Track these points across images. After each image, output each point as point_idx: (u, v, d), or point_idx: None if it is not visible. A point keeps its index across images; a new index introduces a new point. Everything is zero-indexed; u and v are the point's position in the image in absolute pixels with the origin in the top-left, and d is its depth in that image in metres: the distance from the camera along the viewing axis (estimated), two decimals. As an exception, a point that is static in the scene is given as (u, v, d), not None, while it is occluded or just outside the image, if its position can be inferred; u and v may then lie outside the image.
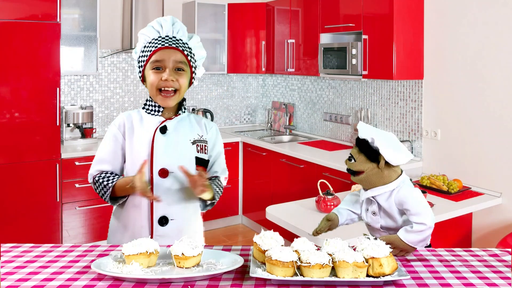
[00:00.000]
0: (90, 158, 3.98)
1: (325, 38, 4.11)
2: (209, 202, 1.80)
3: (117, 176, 1.74)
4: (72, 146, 4.13)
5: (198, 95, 5.15)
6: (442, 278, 1.23)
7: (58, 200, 3.80)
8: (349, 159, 1.47)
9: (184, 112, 1.83)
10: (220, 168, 1.86)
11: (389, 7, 3.41)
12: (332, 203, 2.53)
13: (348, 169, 1.48)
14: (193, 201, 1.77)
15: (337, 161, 3.59)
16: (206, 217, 5.36)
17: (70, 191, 3.87)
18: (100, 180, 1.73)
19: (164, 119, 1.77)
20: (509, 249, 1.43)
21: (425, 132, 3.56)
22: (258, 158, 4.48)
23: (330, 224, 1.53)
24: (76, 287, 1.17)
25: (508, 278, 1.23)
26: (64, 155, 3.84)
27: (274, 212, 2.60)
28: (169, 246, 1.38)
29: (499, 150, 3.08)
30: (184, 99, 1.82)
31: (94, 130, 4.32)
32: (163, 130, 1.74)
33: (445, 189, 3.00)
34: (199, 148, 1.78)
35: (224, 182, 1.87)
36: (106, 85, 4.62)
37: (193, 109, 5.05)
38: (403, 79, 3.60)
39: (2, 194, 3.58)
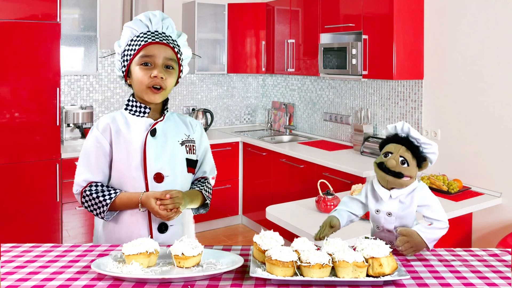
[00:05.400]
0: (90, 158, 4.02)
1: (325, 38, 4.11)
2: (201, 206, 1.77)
3: (113, 190, 1.63)
4: (72, 146, 4.13)
5: (198, 95, 5.15)
6: (442, 278, 1.23)
7: (58, 200, 3.80)
8: (402, 162, 1.38)
9: (168, 111, 1.75)
10: (208, 167, 1.81)
11: (389, 7, 3.41)
12: (332, 203, 2.53)
13: (394, 171, 1.38)
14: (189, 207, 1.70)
15: (337, 161, 3.59)
16: (206, 217, 5.34)
17: (70, 191, 3.86)
18: (94, 195, 1.61)
19: (152, 120, 1.68)
20: (509, 249, 1.43)
21: (425, 132, 3.56)
22: (258, 158, 4.48)
23: (333, 230, 1.50)
24: (76, 287, 1.17)
25: (508, 278, 1.23)
26: (64, 155, 3.84)
27: (274, 212, 2.60)
28: (169, 246, 1.38)
29: (499, 150, 3.08)
30: (167, 99, 1.74)
31: (94, 130, 4.31)
32: (153, 132, 1.66)
33: (445, 189, 3.00)
34: (187, 149, 1.71)
35: (212, 182, 1.82)
36: (106, 85, 4.62)
37: (193, 109, 5.05)
38: (403, 79, 3.61)
39: (2, 194, 3.58)
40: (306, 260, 1.19)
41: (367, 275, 1.21)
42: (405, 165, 1.39)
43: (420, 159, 1.41)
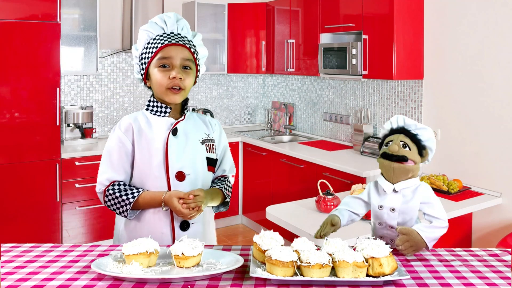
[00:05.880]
0: (90, 158, 4.03)
1: (325, 38, 4.10)
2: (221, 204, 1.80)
3: (136, 189, 1.65)
4: (72, 146, 4.13)
5: (198, 95, 5.15)
6: (442, 278, 1.23)
7: (58, 200, 3.80)
8: (404, 146, 1.42)
9: (188, 111, 1.79)
10: (228, 166, 1.84)
11: (389, 7, 3.41)
12: (332, 203, 2.53)
13: (397, 156, 1.41)
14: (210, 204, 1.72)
15: (337, 161, 3.59)
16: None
17: (70, 191, 3.88)
18: (117, 194, 1.64)
19: (174, 120, 1.71)
20: (509, 249, 1.43)
21: (425, 132, 3.56)
22: (258, 158, 4.48)
23: (334, 228, 1.50)
24: (76, 287, 1.17)
25: (508, 278, 1.23)
26: (64, 155, 3.85)
27: (274, 212, 2.60)
28: (168, 246, 1.38)
29: (499, 150, 3.08)
30: (187, 99, 1.77)
31: (94, 130, 4.32)
32: (174, 132, 1.69)
33: (445, 189, 3.00)
34: (207, 147, 1.74)
35: (232, 180, 1.85)
36: (106, 85, 4.62)
37: (193, 109, 5.05)
38: (403, 79, 3.61)
39: (2, 194, 3.58)
40: (306, 260, 1.19)
41: (367, 275, 1.21)
42: (407, 148, 1.42)
43: (420, 147, 1.44)
